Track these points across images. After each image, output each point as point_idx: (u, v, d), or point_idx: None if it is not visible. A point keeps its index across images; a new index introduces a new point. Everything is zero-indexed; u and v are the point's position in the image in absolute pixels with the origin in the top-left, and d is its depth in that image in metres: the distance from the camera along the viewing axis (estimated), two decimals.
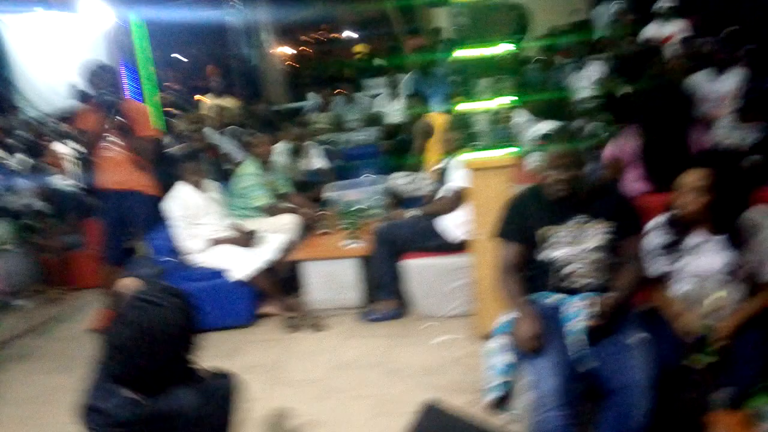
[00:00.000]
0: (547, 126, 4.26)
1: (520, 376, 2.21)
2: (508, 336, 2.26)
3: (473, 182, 3.11)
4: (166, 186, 4.06)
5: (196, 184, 3.81)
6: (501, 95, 3.41)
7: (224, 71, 8.69)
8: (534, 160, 3.89)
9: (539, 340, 2.07)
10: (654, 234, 2.23)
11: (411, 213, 3.60)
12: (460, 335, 3.32)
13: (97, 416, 1.52)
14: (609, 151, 3.35)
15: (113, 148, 3.77)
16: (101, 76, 3.72)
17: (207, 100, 7.54)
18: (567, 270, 2.19)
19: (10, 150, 8.03)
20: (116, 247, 4.08)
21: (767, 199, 2.25)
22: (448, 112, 4.50)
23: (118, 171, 3.80)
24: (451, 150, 3.60)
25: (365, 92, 8.05)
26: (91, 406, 1.57)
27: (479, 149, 3.22)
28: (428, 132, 4.13)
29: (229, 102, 7.17)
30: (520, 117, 4.16)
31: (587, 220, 2.20)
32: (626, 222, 2.22)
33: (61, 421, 3.11)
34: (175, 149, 5.53)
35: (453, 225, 3.39)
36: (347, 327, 3.62)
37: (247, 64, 9.67)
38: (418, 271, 3.46)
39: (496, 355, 2.29)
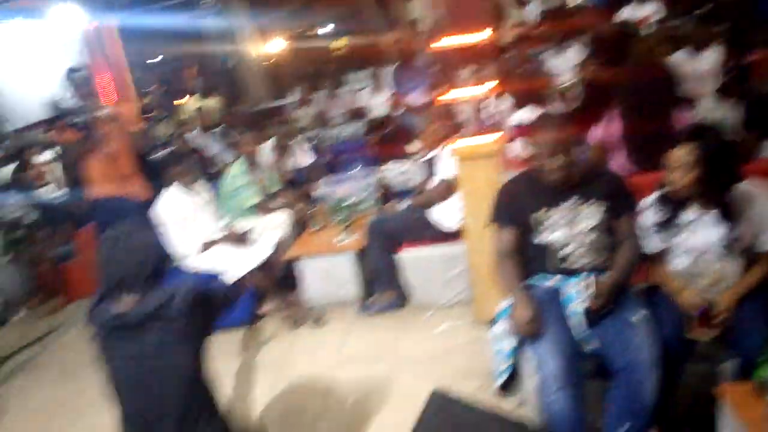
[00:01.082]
0: (528, 113, 4.34)
1: (524, 360, 2.26)
2: (508, 321, 2.32)
3: (462, 171, 3.15)
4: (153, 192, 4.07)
5: (187, 187, 3.81)
6: (483, 83, 3.46)
7: (204, 73, 8.67)
8: (518, 147, 3.97)
9: (537, 323, 2.12)
10: (648, 212, 2.28)
11: (403, 205, 3.63)
12: (461, 322, 3.37)
13: (105, 320, 1.81)
14: (593, 134, 3.42)
15: (102, 155, 3.77)
16: (78, 82, 3.73)
17: (189, 103, 7.52)
18: (565, 252, 2.24)
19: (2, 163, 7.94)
20: None
21: (757, 172, 2.30)
22: (433, 102, 4.54)
23: (106, 179, 3.80)
24: (439, 140, 3.64)
25: (348, 87, 8.06)
26: (94, 312, 1.85)
27: (465, 138, 3.26)
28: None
29: (212, 103, 7.15)
30: (503, 104, 4.22)
31: (581, 202, 2.25)
32: (620, 201, 2.27)
33: (68, 429, 3.15)
34: (159, 154, 5.52)
35: (446, 214, 3.44)
36: (348, 321, 3.65)
37: (227, 64, 9.63)
38: (415, 261, 3.51)
39: (501, 340, 2.34)
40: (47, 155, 7.41)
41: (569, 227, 2.24)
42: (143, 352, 1.80)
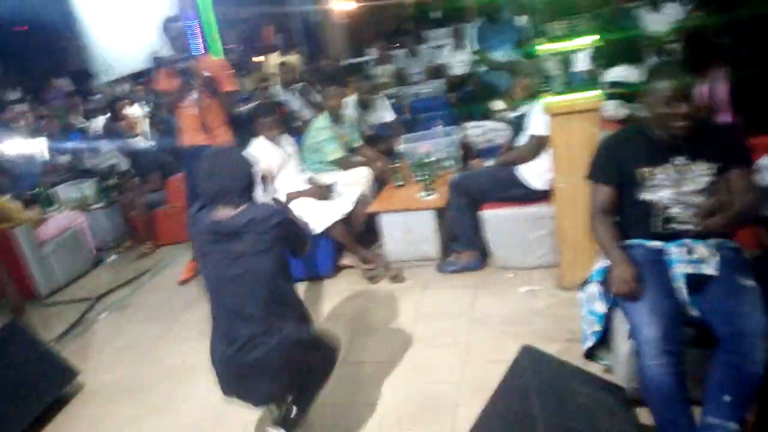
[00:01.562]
0: (623, 70, 4.09)
1: (617, 324, 2.17)
2: (603, 283, 2.22)
3: (555, 128, 3.01)
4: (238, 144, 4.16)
5: (273, 139, 3.86)
6: (580, 36, 3.27)
7: (285, 30, 8.70)
8: (612, 106, 3.77)
9: (636, 284, 2.01)
10: (763, 174, 2.10)
11: (489, 162, 3.53)
12: (542, 286, 3.28)
13: (204, 226, 2.13)
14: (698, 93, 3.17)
15: (195, 105, 3.87)
16: (174, 33, 3.81)
17: (271, 59, 7.59)
18: (669, 213, 2.11)
19: (90, 114, 8.37)
20: None
21: None
22: (523, 57, 4.36)
23: (202, 127, 3.91)
24: (529, 96, 3.50)
25: (428, 44, 7.91)
26: (194, 220, 2.18)
27: (560, 93, 3.11)
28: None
29: (293, 59, 7.19)
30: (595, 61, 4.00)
31: (690, 161, 2.09)
32: (733, 155, 2.09)
33: (157, 364, 3.33)
34: (244, 108, 5.62)
35: (534, 173, 3.32)
36: (426, 278, 3.64)
37: (308, 21, 9.62)
38: (498, 221, 3.42)
39: (593, 302, 2.25)
40: (136, 108, 7.74)
41: (675, 187, 2.10)
42: (233, 256, 2.08)
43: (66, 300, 4.56)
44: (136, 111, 8.29)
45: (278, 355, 2.08)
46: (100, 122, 7.76)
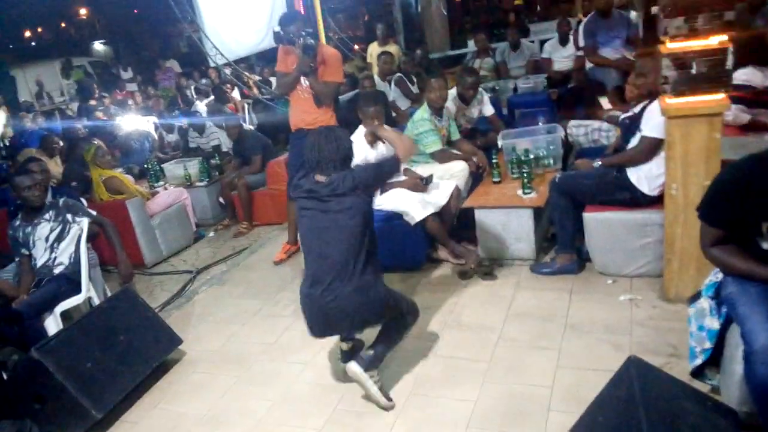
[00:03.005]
0: (750, 73, 3.80)
1: (730, 343, 2.04)
2: (715, 298, 2.09)
3: (672, 131, 2.84)
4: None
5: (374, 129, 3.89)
6: (710, 34, 3.06)
7: (386, 18, 8.74)
8: (735, 111, 3.51)
9: None
10: None
11: (596, 163, 3.40)
12: (644, 296, 3.13)
13: (303, 190, 2.63)
14: None
15: (307, 90, 3.98)
16: (299, 21, 3.92)
17: (371, 48, 7.65)
18: None
19: (199, 95, 8.81)
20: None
21: None
22: (637, 54, 4.15)
23: (310, 112, 4.02)
24: (644, 96, 3.33)
25: (530, 38, 7.71)
26: (297, 185, 2.69)
27: (680, 95, 2.93)
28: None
29: (392, 49, 7.21)
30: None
31: None
32: None
33: (253, 338, 3.47)
34: (348, 95, 5.71)
35: (644, 177, 3.16)
36: (520, 278, 3.56)
37: (409, 10, 9.62)
38: (601, 225, 3.28)
39: (702, 318, 2.12)
40: (237, 92, 8.03)
41: None
42: (323, 210, 2.55)
43: (168, 271, 4.84)
44: (237, 96, 8.65)
45: (354, 299, 2.49)
46: (205, 104, 8.16)
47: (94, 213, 3.72)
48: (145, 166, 6.01)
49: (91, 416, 2.70)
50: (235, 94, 8.79)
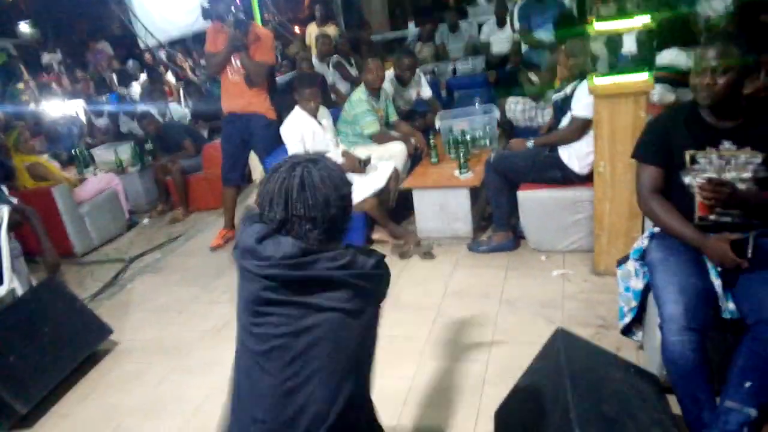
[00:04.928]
0: (673, 54, 3.95)
1: (652, 302, 2.13)
2: (639, 260, 2.19)
3: (600, 110, 2.93)
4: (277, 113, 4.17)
5: (311, 111, 3.84)
6: (630, 16, 3.15)
7: (323, 0, 8.60)
8: (659, 91, 3.64)
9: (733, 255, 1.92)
10: None
11: (529, 142, 3.46)
12: (575, 271, 3.23)
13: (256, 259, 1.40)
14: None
15: (238, 71, 3.88)
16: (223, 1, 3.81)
17: (308, 30, 7.54)
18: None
19: (130, 79, 8.47)
20: (236, 169, 4.24)
21: None
22: (568, 36, 4.23)
23: (242, 95, 3.91)
24: (574, 76, 3.40)
25: (468, 20, 7.76)
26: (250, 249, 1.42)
27: (608, 75, 3.02)
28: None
29: (331, 30, 7.12)
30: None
31: (736, 148, 2.01)
32: None
33: (191, 326, 3.39)
34: (284, 77, 5.61)
35: (575, 156, 3.25)
36: (458, 256, 3.61)
37: None
38: (535, 203, 3.36)
39: (628, 280, 2.22)
40: (171, 75, 7.78)
41: (717, 173, 2.03)
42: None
43: (100, 260, 4.66)
44: (171, 78, 8.37)
45: None
46: (137, 87, 7.86)
47: (14, 200, 3.54)
48: (73, 152, 5.75)
49: (15, 411, 2.57)
50: (170, 76, 8.51)
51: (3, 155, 4.82)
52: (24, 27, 17.44)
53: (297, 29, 9.68)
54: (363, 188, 3.72)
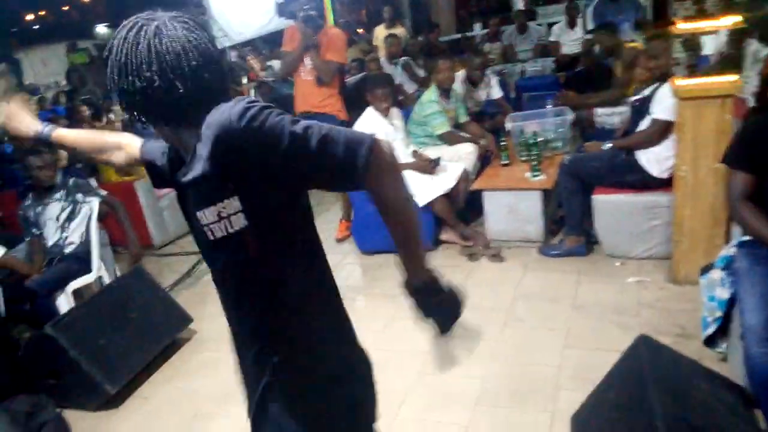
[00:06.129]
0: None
1: (738, 312, 2.07)
2: (726, 269, 2.12)
3: (683, 113, 2.85)
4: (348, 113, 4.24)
5: (384, 111, 3.89)
6: (715, 16, 3.04)
7: (392, 1, 8.67)
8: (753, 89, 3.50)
9: None
10: None
11: (606, 146, 3.40)
12: (652, 278, 3.15)
13: None
14: None
15: (310, 71, 3.96)
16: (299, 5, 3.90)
17: (377, 31, 7.61)
18: None
19: None
20: None
21: None
22: (647, 37, 4.12)
23: (314, 94, 4.00)
24: (654, 79, 3.32)
25: (538, 21, 7.67)
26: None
27: (691, 77, 2.93)
28: (631, 61, 3.80)
29: (399, 31, 7.17)
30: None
31: None
32: None
33: None
34: (354, 78, 5.69)
35: (654, 159, 3.16)
36: (528, 260, 3.58)
37: None
38: (610, 207, 3.29)
39: (713, 289, 2.16)
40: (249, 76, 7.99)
41: None
42: None
43: (177, 252, 4.86)
44: (244, 79, 8.60)
45: None
46: None
47: (104, 193, 3.74)
48: None
49: (105, 391, 2.74)
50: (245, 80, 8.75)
51: None
52: (101, 28, 18.38)
53: (359, 30, 9.80)
54: (432, 189, 3.75)
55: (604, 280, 3.23)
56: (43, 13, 14.47)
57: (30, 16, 14.24)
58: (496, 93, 4.84)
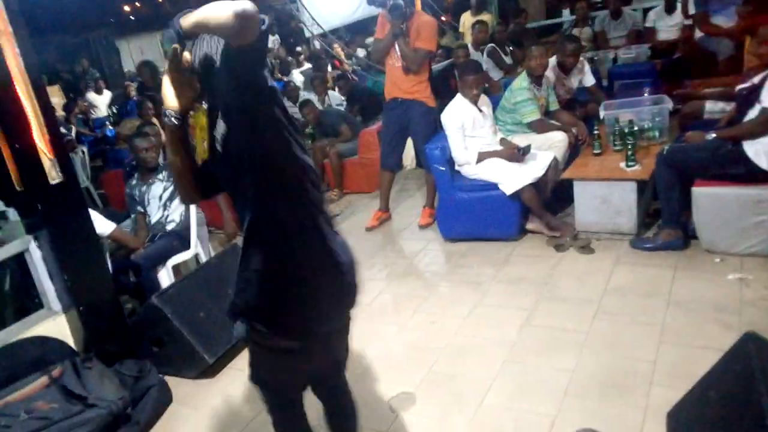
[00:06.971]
0: None
1: None
2: None
3: None
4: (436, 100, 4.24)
5: (473, 98, 3.86)
6: None
7: None
8: None
9: None
10: None
11: (709, 135, 3.23)
12: (755, 276, 2.98)
13: None
14: None
15: (399, 58, 4.00)
16: None
17: (464, 18, 7.55)
18: None
19: (293, 66, 9.01)
20: (394, 153, 4.38)
21: None
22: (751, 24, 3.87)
23: (403, 81, 4.03)
24: (765, 65, 3.12)
25: (632, 6, 7.35)
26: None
27: None
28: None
29: (486, 18, 7.07)
30: None
31: None
32: None
33: None
34: (442, 64, 5.68)
35: (764, 151, 2.97)
36: (619, 253, 3.47)
37: None
38: (713, 200, 3.12)
39: None
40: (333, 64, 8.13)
41: None
42: None
43: None
44: (329, 68, 8.76)
45: None
46: (297, 75, 8.34)
47: None
48: None
49: (204, 361, 2.90)
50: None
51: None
52: None
53: (443, 17, 9.72)
54: (521, 177, 3.70)
55: (702, 276, 3.09)
56: (138, 5, 15.31)
57: (127, 8, 15.11)
58: (589, 80, 4.69)
